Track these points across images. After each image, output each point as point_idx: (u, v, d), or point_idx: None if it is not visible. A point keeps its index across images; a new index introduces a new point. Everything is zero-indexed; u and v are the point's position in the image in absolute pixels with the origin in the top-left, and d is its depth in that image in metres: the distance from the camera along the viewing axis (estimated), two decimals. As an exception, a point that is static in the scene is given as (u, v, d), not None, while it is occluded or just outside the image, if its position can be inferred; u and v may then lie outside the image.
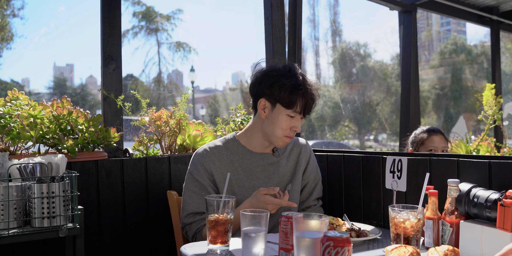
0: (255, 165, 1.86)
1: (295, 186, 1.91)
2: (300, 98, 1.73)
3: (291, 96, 1.72)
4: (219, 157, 1.84)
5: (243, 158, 1.86)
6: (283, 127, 1.76)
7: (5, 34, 18.59)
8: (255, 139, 1.86)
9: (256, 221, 1.33)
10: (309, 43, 27.58)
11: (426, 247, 1.50)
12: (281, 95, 1.73)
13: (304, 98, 1.74)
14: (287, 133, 1.78)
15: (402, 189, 1.79)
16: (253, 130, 1.86)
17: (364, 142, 25.19)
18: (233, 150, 1.86)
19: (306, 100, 1.74)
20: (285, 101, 1.73)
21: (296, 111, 1.74)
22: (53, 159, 1.69)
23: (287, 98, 1.72)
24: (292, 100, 1.72)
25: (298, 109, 1.74)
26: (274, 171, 1.88)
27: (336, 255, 1.06)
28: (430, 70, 24.98)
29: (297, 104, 1.73)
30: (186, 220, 1.79)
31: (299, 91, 1.72)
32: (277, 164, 1.89)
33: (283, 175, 1.89)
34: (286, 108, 1.74)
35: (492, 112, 2.67)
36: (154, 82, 25.56)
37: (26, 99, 1.99)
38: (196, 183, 1.81)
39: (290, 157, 1.94)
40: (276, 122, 1.76)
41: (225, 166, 1.83)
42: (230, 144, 1.88)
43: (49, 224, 1.59)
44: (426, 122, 21.98)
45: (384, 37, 44.28)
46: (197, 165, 1.83)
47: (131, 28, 24.31)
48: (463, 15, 4.50)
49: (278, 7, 2.65)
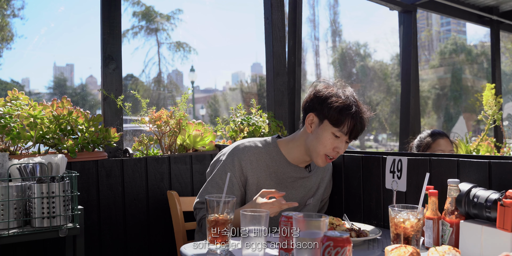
0: (288, 175, 1.87)
1: (315, 201, 1.96)
2: (349, 119, 1.71)
3: (340, 114, 1.71)
4: (258, 158, 1.83)
5: (279, 166, 1.85)
6: (326, 145, 1.74)
7: (5, 34, 18.58)
8: (296, 152, 1.85)
9: (256, 221, 1.33)
10: (309, 43, 27.58)
11: (426, 247, 1.50)
12: (330, 112, 1.71)
13: (353, 119, 1.72)
14: (329, 152, 1.75)
15: (402, 189, 1.79)
16: (296, 143, 1.84)
17: (364, 142, 25.19)
18: (272, 155, 1.86)
19: (354, 122, 1.72)
20: (333, 118, 1.71)
21: (342, 131, 1.72)
22: (53, 159, 1.69)
23: (336, 116, 1.71)
24: (340, 118, 1.71)
25: (345, 129, 1.72)
26: (302, 185, 1.90)
27: (336, 255, 1.06)
28: (430, 70, 24.98)
29: (345, 124, 1.71)
30: (197, 205, 1.81)
31: (349, 111, 1.71)
32: (307, 179, 1.92)
33: (308, 189, 1.93)
34: (333, 126, 1.72)
35: (492, 112, 2.67)
36: (154, 82, 25.55)
37: (26, 99, 1.99)
38: (224, 176, 1.79)
39: (317, 173, 1.97)
40: (321, 138, 1.75)
41: (261, 168, 1.83)
42: (270, 149, 1.87)
43: (49, 224, 1.59)
44: (426, 122, 21.99)
45: (384, 37, 44.28)
46: (234, 160, 1.81)
47: (131, 28, 24.31)
48: (463, 15, 4.50)
49: (278, 7, 2.65)
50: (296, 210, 1.90)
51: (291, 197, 1.88)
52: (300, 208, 1.92)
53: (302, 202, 1.92)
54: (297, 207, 1.90)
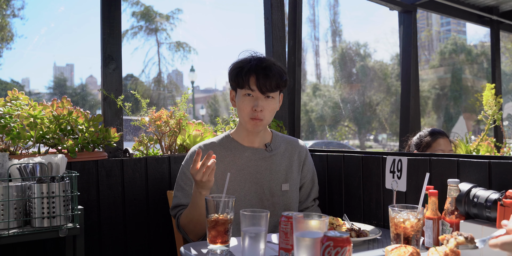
0: (246, 159, 1.86)
1: (292, 186, 1.91)
2: (248, 75, 1.75)
3: (237, 76, 1.77)
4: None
5: (235, 153, 1.87)
6: (244, 109, 1.78)
7: (5, 34, 18.58)
8: (242, 131, 1.89)
9: (256, 221, 1.33)
10: (309, 43, 27.60)
11: (426, 247, 1.50)
12: (232, 78, 1.79)
13: (253, 73, 1.75)
14: (251, 115, 1.78)
15: (402, 189, 1.79)
16: (239, 123, 1.89)
17: (364, 142, 25.19)
18: (226, 146, 1.88)
19: (256, 76, 1.74)
20: (236, 82, 1.78)
21: (249, 89, 1.75)
22: (53, 159, 1.69)
23: (236, 80, 1.77)
24: (239, 80, 1.76)
25: (248, 86, 1.75)
26: (266, 167, 1.88)
27: (336, 255, 1.06)
28: (430, 70, 24.99)
29: (245, 81, 1.75)
30: (172, 212, 1.84)
31: (242, 69, 1.76)
32: (270, 160, 1.89)
33: (276, 172, 1.88)
34: (240, 88, 1.78)
35: (492, 112, 2.67)
36: (154, 82, 25.56)
37: (26, 99, 1.99)
38: (184, 177, 1.84)
39: (285, 155, 1.93)
40: (239, 106, 1.80)
41: (218, 162, 1.83)
42: (224, 141, 1.90)
43: (49, 224, 1.59)
44: (426, 122, 22.00)
45: (384, 37, 44.32)
46: (189, 161, 1.85)
47: (130, 28, 24.32)
48: (463, 15, 4.50)
49: (278, 7, 2.65)
50: (274, 197, 1.86)
51: (258, 181, 1.85)
52: (278, 195, 1.87)
53: (276, 187, 1.86)
54: (274, 194, 1.86)
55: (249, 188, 1.84)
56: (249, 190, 1.84)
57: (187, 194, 1.80)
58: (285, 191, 1.88)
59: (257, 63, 1.77)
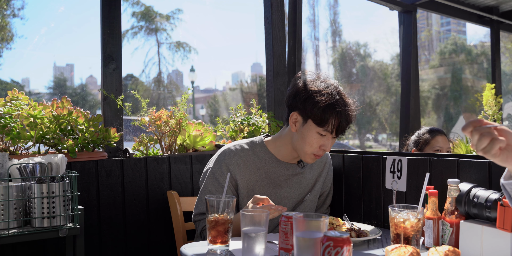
0: (280, 174, 1.83)
1: (313, 197, 1.92)
2: (333, 117, 1.66)
3: (324, 114, 1.65)
4: (245, 161, 1.79)
5: (269, 166, 1.82)
6: (312, 144, 1.70)
7: (5, 34, 18.57)
8: (285, 150, 1.81)
9: (256, 221, 1.33)
10: (309, 43, 27.58)
11: (426, 247, 1.50)
12: (314, 111, 1.66)
13: (338, 118, 1.67)
14: (315, 151, 1.72)
15: (402, 189, 1.79)
16: (283, 141, 1.80)
17: (364, 142, 25.19)
18: (260, 156, 1.81)
19: (339, 121, 1.67)
20: (317, 118, 1.66)
21: (327, 130, 1.68)
22: (53, 159, 1.69)
23: (320, 116, 1.66)
24: (324, 118, 1.65)
25: (330, 128, 1.67)
26: (297, 182, 1.87)
27: (336, 255, 1.06)
28: (430, 70, 24.98)
29: (330, 123, 1.66)
30: (195, 218, 1.78)
31: (333, 110, 1.65)
32: (301, 175, 1.88)
33: (305, 186, 1.89)
34: (317, 125, 1.68)
35: (492, 112, 2.67)
36: (154, 82, 25.56)
37: (26, 99, 1.99)
38: (216, 183, 1.76)
39: (313, 168, 1.93)
40: (306, 138, 1.71)
41: (250, 171, 1.79)
42: (258, 149, 1.82)
43: (49, 224, 1.59)
44: (426, 122, 21.98)
45: (384, 37, 44.30)
46: (222, 165, 1.77)
47: (130, 28, 24.31)
48: (463, 15, 4.50)
49: (278, 7, 2.65)
50: (294, 206, 1.88)
51: (287, 195, 1.85)
52: (299, 204, 1.89)
53: (300, 199, 1.89)
54: (295, 204, 1.88)
55: (277, 202, 1.83)
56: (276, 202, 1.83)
57: None
58: (306, 200, 1.90)
59: (344, 106, 1.68)
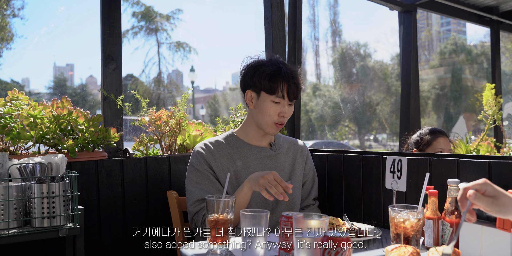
0: (252, 157, 1.90)
1: (295, 184, 1.94)
2: (281, 83, 1.79)
3: (271, 81, 1.79)
4: (218, 150, 1.88)
5: (241, 151, 1.90)
6: (270, 113, 1.82)
7: (5, 34, 18.57)
8: (250, 131, 1.91)
9: (256, 221, 1.33)
10: (309, 43, 27.60)
11: (426, 247, 1.50)
12: (262, 82, 1.80)
13: (286, 81, 1.79)
14: (275, 120, 1.83)
15: (402, 189, 1.79)
16: (248, 123, 1.92)
17: (364, 142, 25.18)
18: (232, 144, 1.91)
19: (287, 84, 1.80)
20: (267, 87, 1.80)
21: (279, 96, 1.80)
22: (53, 159, 1.69)
23: (268, 85, 1.79)
24: (273, 85, 1.79)
25: (281, 94, 1.80)
26: (272, 166, 1.91)
27: (336, 255, 1.06)
28: (430, 70, 24.97)
29: (279, 88, 1.79)
30: (193, 209, 1.81)
31: (279, 75, 1.79)
32: (275, 159, 1.92)
33: (280, 170, 1.92)
34: (270, 94, 1.80)
35: (492, 112, 2.67)
36: (154, 82, 25.54)
37: (26, 99, 1.99)
38: (198, 173, 1.84)
39: (288, 154, 1.97)
40: (263, 109, 1.82)
41: (224, 158, 1.87)
42: (229, 139, 1.93)
43: (49, 224, 1.59)
44: (426, 122, 21.98)
45: (384, 37, 44.31)
46: (198, 157, 1.87)
47: (130, 28, 24.29)
48: (463, 15, 4.50)
49: (278, 7, 2.65)
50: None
51: None
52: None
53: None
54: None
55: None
56: None
57: (204, 188, 1.81)
58: None
59: (288, 71, 1.82)
